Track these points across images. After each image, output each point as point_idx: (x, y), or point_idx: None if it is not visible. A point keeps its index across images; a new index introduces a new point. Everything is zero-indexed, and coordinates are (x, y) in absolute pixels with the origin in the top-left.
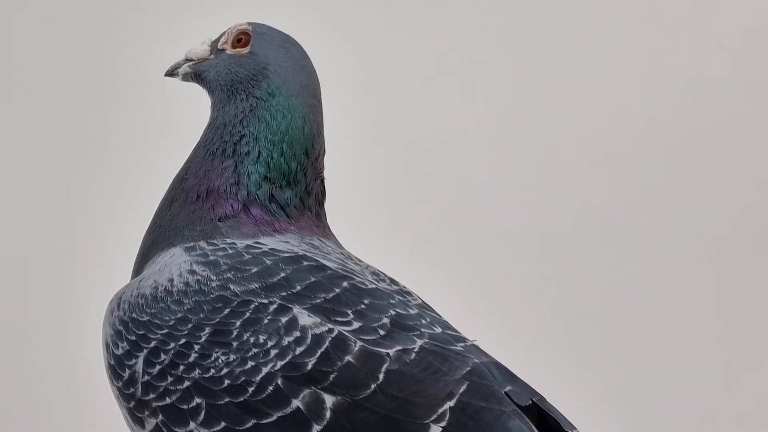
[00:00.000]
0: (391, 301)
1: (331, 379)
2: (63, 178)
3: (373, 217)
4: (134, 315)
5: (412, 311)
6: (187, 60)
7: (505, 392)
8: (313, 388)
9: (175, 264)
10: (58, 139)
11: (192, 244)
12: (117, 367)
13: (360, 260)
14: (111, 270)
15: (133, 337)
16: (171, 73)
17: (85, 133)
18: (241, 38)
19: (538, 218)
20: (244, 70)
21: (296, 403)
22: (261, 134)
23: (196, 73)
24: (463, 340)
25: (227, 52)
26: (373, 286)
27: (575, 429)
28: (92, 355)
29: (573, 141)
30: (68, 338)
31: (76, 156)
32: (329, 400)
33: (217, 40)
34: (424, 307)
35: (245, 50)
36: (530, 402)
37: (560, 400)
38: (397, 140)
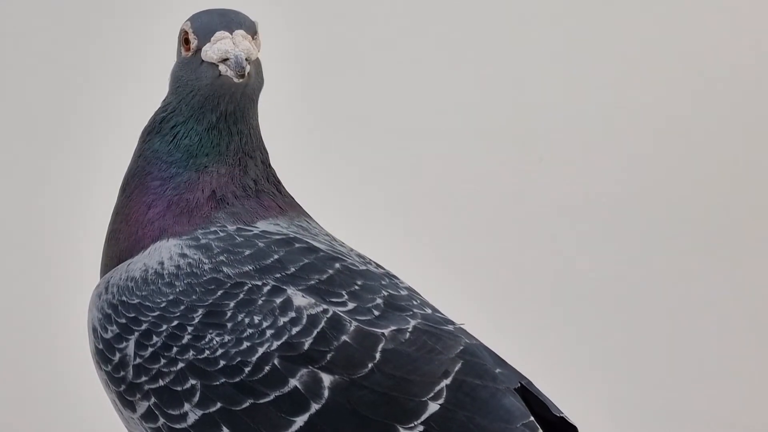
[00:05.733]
0: (383, 283)
1: (328, 358)
2: (40, 160)
3: (365, 203)
4: (124, 298)
5: (402, 293)
6: (248, 60)
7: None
8: (310, 367)
9: (165, 248)
10: (53, 130)
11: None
12: (106, 351)
13: (343, 242)
14: (87, 258)
15: (123, 320)
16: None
17: (73, 119)
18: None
19: (536, 204)
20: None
21: (294, 382)
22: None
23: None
24: (452, 322)
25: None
26: (364, 267)
27: (562, 413)
28: (72, 343)
29: (576, 123)
30: (49, 327)
31: (63, 143)
32: (327, 379)
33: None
34: (411, 290)
35: None
36: (519, 385)
37: (550, 386)
38: (391, 122)
